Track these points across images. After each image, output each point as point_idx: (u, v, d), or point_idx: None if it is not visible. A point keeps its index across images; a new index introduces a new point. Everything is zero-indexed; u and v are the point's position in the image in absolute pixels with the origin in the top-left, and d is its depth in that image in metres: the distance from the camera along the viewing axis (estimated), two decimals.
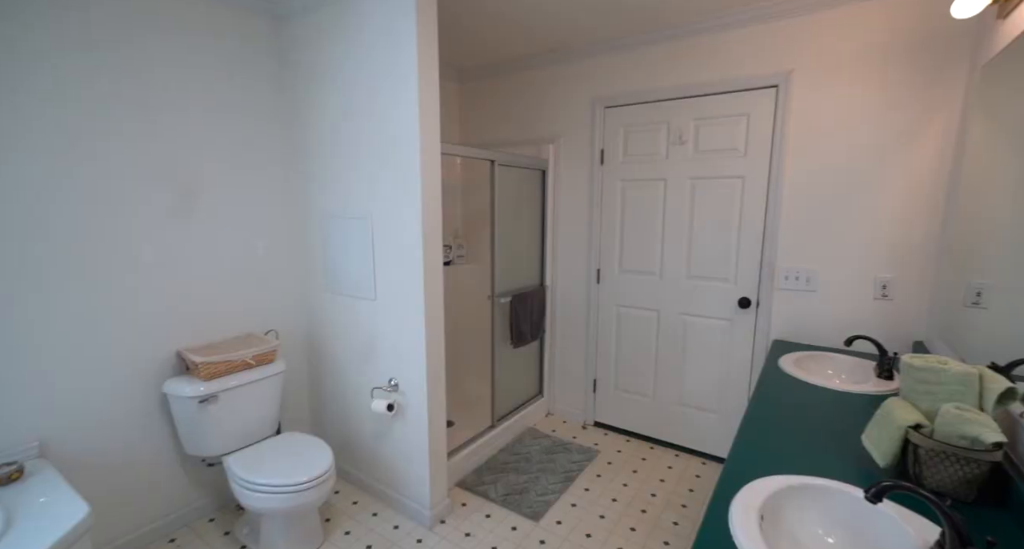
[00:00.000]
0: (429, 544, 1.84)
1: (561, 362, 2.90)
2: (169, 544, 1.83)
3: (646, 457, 2.48)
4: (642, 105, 2.40)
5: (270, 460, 1.74)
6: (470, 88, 3.03)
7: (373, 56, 1.77)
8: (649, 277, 2.52)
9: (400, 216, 1.79)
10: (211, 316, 1.95)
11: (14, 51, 1.41)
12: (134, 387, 1.75)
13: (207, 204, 1.90)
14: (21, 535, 1.16)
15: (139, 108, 1.68)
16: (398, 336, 1.89)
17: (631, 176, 2.50)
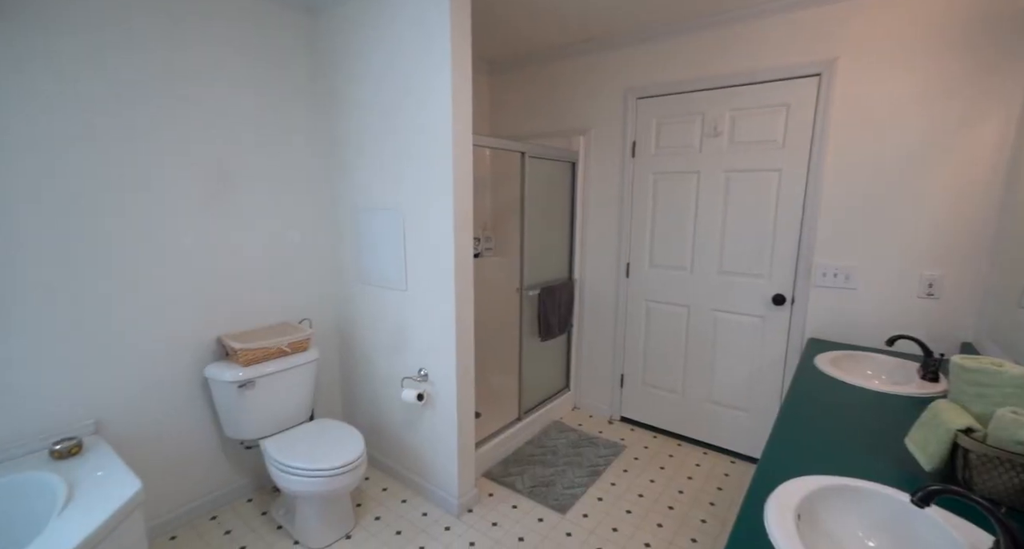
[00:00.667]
0: (457, 532, 1.87)
1: (588, 356, 2.89)
2: (211, 521, 1.93)
3: (673, 454, 2.45)
4: (676, 96, 2.35)
5: (305, 445, 1.80)
6: (500, 80, 3.03)
7: (405, 48, 1.78)
8: (680, 272, 2.48)
9: (431, 208, 1.81)
10: (247, 304, 2.03)
11: (70, 52, 1.48)
12: (178, 371, 1.84)
13: (243, 195, 1.96)
14: (82, 505, 1.24)
15: (179, 101, 1.75)
16: (428, 327, 1.92)
17: (663, 169, 2.46)
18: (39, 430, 1.51)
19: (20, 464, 1.42)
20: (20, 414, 1.48)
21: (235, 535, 1.85)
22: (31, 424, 1.50)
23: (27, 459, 1.45)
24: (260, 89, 1.97)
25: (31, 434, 1.49)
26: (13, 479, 1.36)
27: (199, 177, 1.82)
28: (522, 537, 1.84)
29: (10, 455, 1.45)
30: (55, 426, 1.54)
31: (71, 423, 1.57)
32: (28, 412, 1.49)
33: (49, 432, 1.52)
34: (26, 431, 1.49)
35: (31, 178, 1.44)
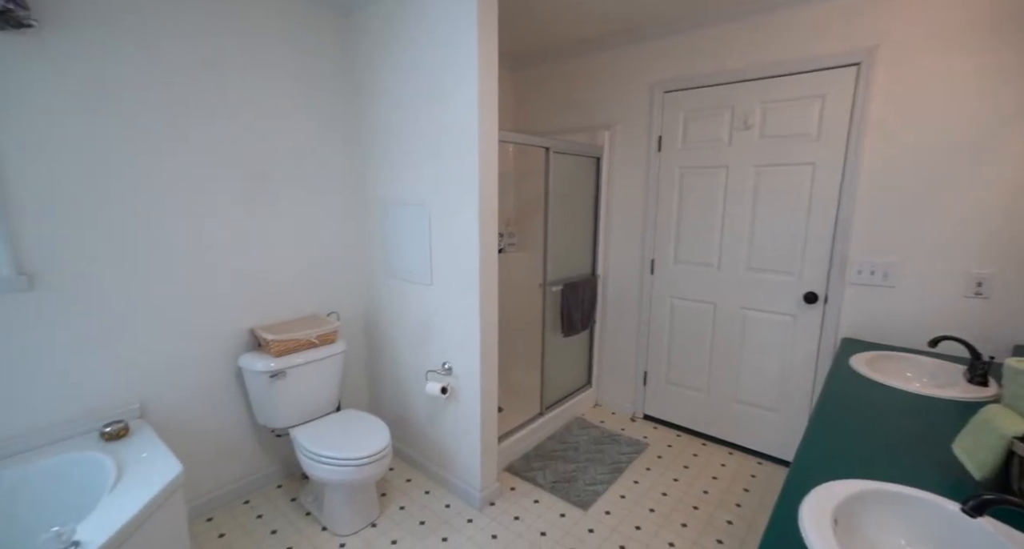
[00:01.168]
0: (480, 524, 1.89)
1: (611, 353, 2.87)
2: (244, 505, 2.00)
3: (698, 453, 2.42)
4: (704, 89, 2.29)
5: (332, 434, 1.84)
6: (524, 76, 3.01)
7: (432, 45, 1.79)
8: (706, 269, 2.43)
9: (457, 203, 1.82)
10: (278, 297, 2.08)
11: (119, 57, 1.54)
12: (214, 360, 1.90)
13: (276, 191, 2.01)
14: (130, 484, 1.30)
15: (216, 100, 1.80)
16: (453, 321, 1.94)
17: (690, 163, 2.40)
18: (91, 413, 1.59)
19: (75, 444, 1.50)
20: (75, 398, 1.56)
21: (267, 519, 1.91)
22: (84, 407, 1.58)
23: (80, 439, 1.53)
24: (294, 88, 2.01)
25: (84, 416, 1.58)
26: (71, 457, 1.45)
27: (236, 173, 1.87)
28: (544, 532, 1.85)
29: (66, 435, 1.53)
30: (104, 409, 1.62)
31: (118, 407, 1.65)
32: (82, 396, 1.58)
33: (99, 415, 1.60)
34: (80, 413, 1.57)
35: (87, 179, 1.51)
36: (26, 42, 1.37)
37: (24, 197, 1.42)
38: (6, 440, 1.43)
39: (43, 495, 1.39)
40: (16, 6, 1.26)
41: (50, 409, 1.52)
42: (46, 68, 1.41)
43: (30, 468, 1.40)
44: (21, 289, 1.42)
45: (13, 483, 1.37)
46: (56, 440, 1.52)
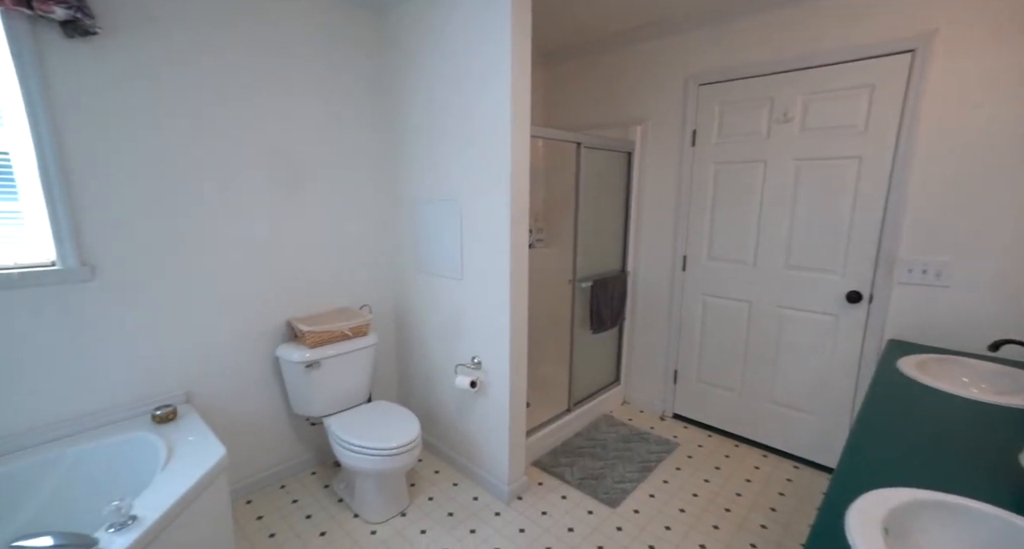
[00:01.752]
0: (507, 518, 1.90)
1: (640, 351, 2.83)
2: (280, 490, 2.07)
3: (730, 454, 2.36)
4: (742, 81, 2.21)
5: (364, 425, 1.89)
6: (554, 71, 2.98)
7: (464, 42, 1.79)
8: (741, 266, 2.36)
9: (489, 199, 1.82)
10: (313, 289, 2.14)
11: (170, 61, 1.61)
12: (253, 350, 1.97)
13: (311, 188, 2.06)
14: (179, 465, 1.37)
15: (259, 100, 1.85)
16: (483, 316, 1.95)
17: (725, 158, 2.33)
18: (142, 396, 1.68)
19: (129, 425, 1.60)
20: (130, 382, 1.65)
21: (302, 504, 1.98)
22: (137, 391, 1.67)
23: (134, 421, 1.62)
24: (330, 85, 2.05)
25: (137, 400, 1.67)
26: (127, 437, 1.54)
27: (275, 170, 1.93)
28: (572, 528, 1.85)
29: (121, 416, 1.63)
30: (154, 394, 1.71)
31: (167, 392, 1.74)
32: (135, 380, 1.66)
33: (150, 399, 1.69)
34: (133, 397, 1.66)
35: (140, 177, 1.59)
36: (91, 49, 1.45)
37: (86, 193, 1.50)
38: (71, 420, 1.53)
39: (103, 471, 1.48)
40: (83, 15, 1.33)
41: (108, 392, 1.61)
42: (107, 73, 1.49)
43: (92, 446, 1.50)
44: (84, 279, 1.51)
45: (77, 459, 1.47)
46: (113, 421, 1.61)
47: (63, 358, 1.51)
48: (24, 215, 1.44)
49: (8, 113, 1.38)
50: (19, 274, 1.40)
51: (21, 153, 1.41)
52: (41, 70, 1.37)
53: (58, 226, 1.46)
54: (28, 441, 1.45)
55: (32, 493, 1.39)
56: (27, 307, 1.43)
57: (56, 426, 1.50)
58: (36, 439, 1.47)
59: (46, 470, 1.42)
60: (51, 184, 1.43)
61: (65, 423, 1.52)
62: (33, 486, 1.40)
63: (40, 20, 1.33)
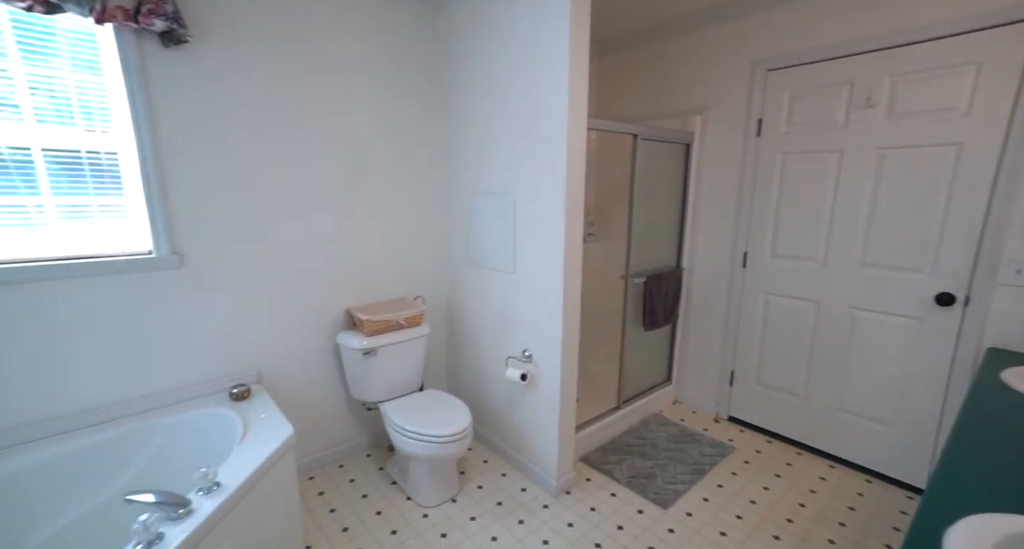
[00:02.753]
0: (555, 511, 1.91)
1: (694, 350, 2.73)
2: (339, 469, 2.19)
3: (792, 463, 2.23)
4: (816, 64, 2.06)
5: (418, 412, 1.95)
6: (608, 62, 2.92)
7: (520, 34, 1.79)
8: (809, 263, 2.21)
9: (543, 192, 1.82)
10: (370, 280, 2.23)
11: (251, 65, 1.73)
12: (316, 336, 2.09)
13: (371, 180, 2.15)
14: (254, 440, 1.49)
15: (327, 97, 1.95)
16: (534, 310, 1.96)
17: (795, 148, 2.19)
18: (221, 375, 1.83)
19: (210, 401, 1.75)
20: (211, 361, 1.81)
21: (359, 484, 2.08)
22: (217, 370, 1.82)
23: (214, 397, 1.77)
24: (390, 80, 2.12)
25: (217, 378, 1.82)
26: (209, 412, 1.69)
27: (339, 163, 2.03)
28: (621, 526, 1.82)
29: (204, 393, 1.79)
30: (231, 374, 1.86)
31: (241, 372, 1.88)
32: (216, 360, 1.82)
33: (228, 378, 1.84)
34: (214, 375, 1.82)
35: (221, 172, 1.73)
36: (183, 57, 1.58)
37: (177, 189, 1.65)
38: (164, 393, 1.70)
39: (190, 440, 1.63)
40: (178, 26, 1.46)
41: (193, 369, 1.77)
42: (194, 78, 1.62)
43: (182, 417, 1.66)
44: (174, 266, 1.67)
45: (171, 428, 1.63)
46: (196, 396, 1.77)
47: (158, 337, 1.67)
48: (127, 209, 1.60)
49: (117, 117, 1.53)
50: (124, 261, 1.57)
51: (126, 153, 1.56)
52: (143, 77, 1.51)
53: (154, 219, 1.62)
54: (131, 409, 1.63)
55: (137, 455, 1.57)
56: (130, 290, 1.60)
57: (152, 398, 1.67)
58: (137, 408, 1.64)
59: (147, 435, 1.59)
60: (149, 181, 1.58)
61: (159, 395, 1.69)
62: (137, 449, 1.57)
63: (143, 32, 1.48)
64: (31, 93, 1.39)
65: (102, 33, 1.46)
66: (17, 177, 1.39)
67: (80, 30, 1.44)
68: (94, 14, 1.31)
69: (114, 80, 1.50)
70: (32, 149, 1.41)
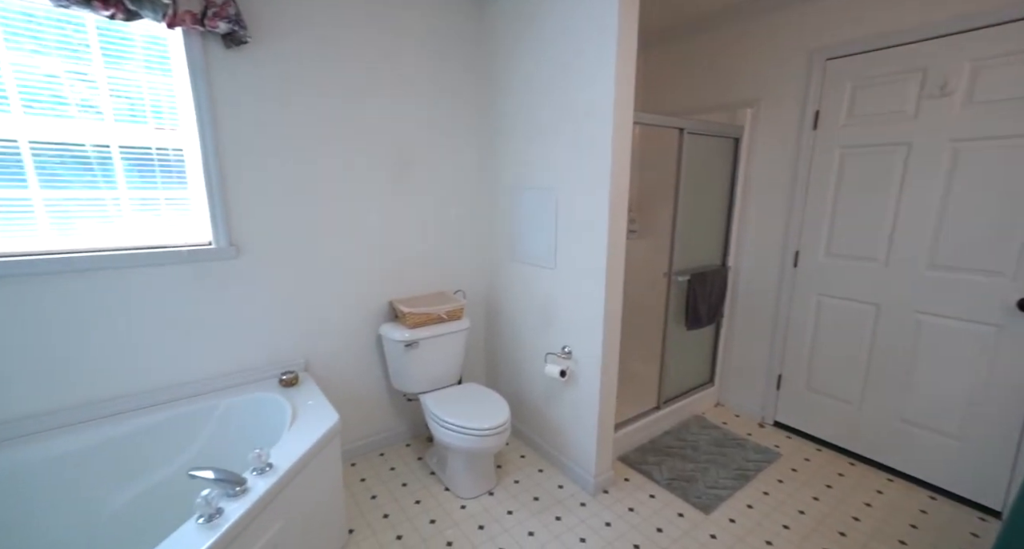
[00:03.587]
0: (592, 510, 1.89)
1: (739, 351, 2.63)
2: (379, 457, 2.26)
3: (844, 473, 2.12)
4: (883, 51, 1.93)
5: (458, 404, 1.97)
6: (653, 54, 2.84)
7: (567, 28, 1.77)
8: (869, 264, 2.08)
9: (586, 188, 1.80)
10: (412, 273, 2.27)
11: (304, 66, 1.79)
12: (360, 327, 2.15)
13: (416, 175, 2.18)
14: (302, 425, 1.55)
15: (375, 94, 1.99)
16: (575, 306, 1.94)
17: (855, 142, 2.06)
18: (272, 362, 1.92)
19: (262, 386, 1.83)
20: (263, 347, 1.89)
21: (398, 472, 2.13)
22: (268, 356, 1.91)
23: (265, 383, 1.86)
24: (436, 74, 2.15)
25: (268, 364, 1.91)
26: (261, 396, 1.77)
27: (385, 158, 2.08)
28: (661, 528, 1.78)
29: (256, 378, 1.87)
30: (280, 361, 1.94)
31: (290, 360, 1.97)
32: (268, 346, 1.90)
33: (277, 365, 1.92)
34: (265, 361, 1.91)
35: (276, 168, 1.80)
36: (242, 57, 1.66)
37: (235, 183, 1.73)
38: (219, 377, 1.79)
39: (244, 422, 1.72)
40: (239, 27, 1.53)
41: (247, 355, 1.86)
42: (252, 77, 1.70)
43: (236, 400, 1.75)
44: (231, 257, 1.76)
45: (227, 409, 1.72)
46: (248, 381, 1.86)
47: (215, 323, 1.77)
48: (190, 202, 1.70)
49: (183, 116, 1.63)
50: (187, 251, 1.66)
51: (190, 150, 1.66)
52: (207, 77, 1.60)
53: (214, 211, 1.71)
54: (193, 391, 1.74)
55: (199, 433, 1.67)
56: (191, 279, 1.69)
57: (209, 381, 1.77)
58: (198, 390, 1.74)
59: (207, 415, 1.69)
60: (211, 175, 1.67)
61: (216, 379, 1.78)
62: (199, 428, 1.67)
63: (208, 35, 1.56)
64: (111, 94, 1.49)
65: (172, 37, 1.55)
66: (99, 173, 1.50)
67: (153, 35, 1.53)
68: (166, 19, 1.40)
69: (181, 80, 1.59)
70: (111, 146, 1.51)
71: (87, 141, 1.47)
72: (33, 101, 1.39)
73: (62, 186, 1.46)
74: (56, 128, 1.43)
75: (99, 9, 1.29)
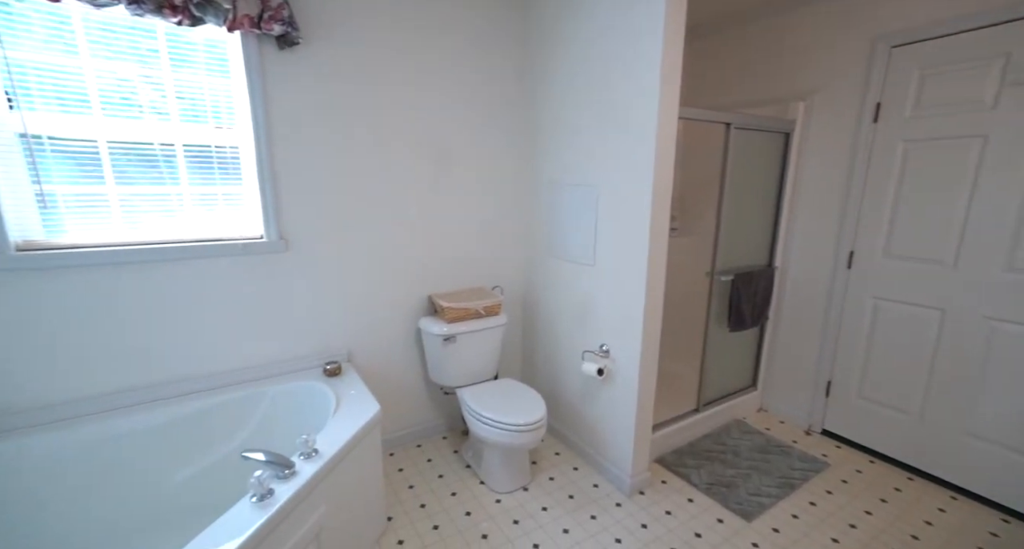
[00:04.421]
0: (628, 510, 1.87)
1: (785, 355, 2.52)
2: (417, 448, 2.31)
3: (901, 488, 1.99)
4: (959, 35, 1.79)
5: (495, 399, 1.99)
6: (699, 47, 2.75)
7: (611, 21, 1.73)
8: (933, 266, 1.95)
9: (629, 184, 1.76)
10: (451, 268, 2.30)
11: (350, 65, 1.85)
12: (400, 320, 2.20)
13: (457, 170, 2.21)
14: (345, 413, 1.60)
15: (419, 91, 2.03)
16: (614, 304, 1.91)
17: (922, 135, 1.93)
18: (317, 352, 1.99)
19: (307, 375, 1.91)
20: (310, 337, 1.97)
21: (435, 464, 2.18)
22: (314, 347, 1.99)
23: (310, 372, 1.93)
24: (478, 70, 2.16)
25: (313, 354, 1.98)
26: (307, 384, 1.84)
27: (427, 153, 2.11)
28: (699, 533, 1.74)
29: (301, 367, 1.95)
30: (325, 351, 2.01)
31: (334, 350, 2.04)
32: (314, 337, 1.98)
33: (322, 355, 2.00)
34: (311, 351, 1.98)
35: (322, 165, 1.86)
36: (295, 57, 1.73)
37: (285, 180, 1.80)
38: (269, 364, 1.88)
39: (291, 409, 1.80)
40: (292, 29, 1.59)
41: (294, 344, 1.94)
42: (303, 77, 1.76)
43: (284, 387, 1.83)
44: (281, 250, 1.84)
45: (275, 396, 1.81)
46: (295, 370, 1.94)
47: (265, 313, 1.85)
48: (243, 197, 1.79)
49: (239, 115, 1.71)
50: (241, 244, 1.75)
51: (245, 147, 1.74)
52: (262, 77, 1.67)
53: (266, 206, 1.78)
54: (245, 377, 1.83)
55: (251, 417, 1.76)
56: (243, 271, 1.78)
57: (260, 368, 1.86)
58: (248, 376, 1.84)
59: (259, 400, 1.78)
60: (264, 172, 1.75)
61: (266, 366, 1.87)
62: (251, 412, 1.76)
63: (263, 37, 1.62)
64: (176, 96, 1.59)
65: (230, 40, 1.63)
66: (164, 170, 1.60)
67: (213, 39, 1.61)
68: (227, 23, 1.47)
69: (238, 81, 1.67)
70: (176, 145, 1.61)
71: (155, 140, 1.57)
72: (110, 104, 1.49)
73: (133, 182, 1.57)
74: (128, 129, 1.53)
75: (168, 16, 1.37)
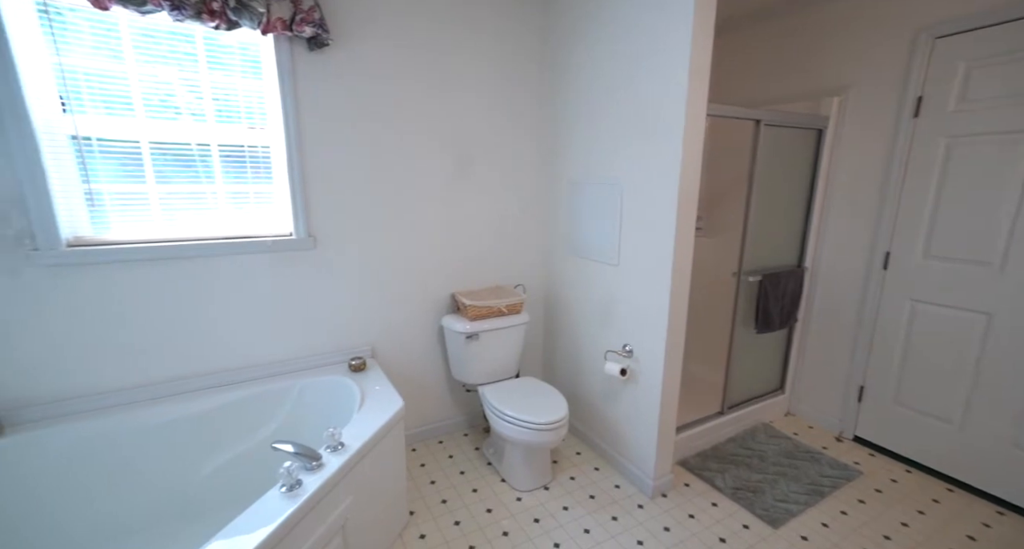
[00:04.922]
0: (651, 513, 1.84)
1: (814, 358, 2.45)
2: (438, 444, 2.33)
3: (940, 500, 1.91)
4: (1011, 24, 1.70)
5: (517, 398, 1.99)
6: (727, 41, 2.69)
7: (637, 18, 1.71)
8: (979, 268, 1.86)
9: (654, 182, 1.74)
10: (473, 266, 2.31)
11: (378, 66, 1.88)
12: (423, 317, 2.23)
13: (478, 168, 2.22)
14: (370, 408, 1.63)
15: (441, 93, 2.04)
16: (638, 304, 1.89)
17: (967, 130, 1.84)
18: (342, 348, 2.03)
19: (333, 370, 1.95)
20: (336, 332, 2.01)
21: (456, 460, 2.19)
22: (339, 342, 2.03)
23: (336, 367, 1.98)
24: (499, 67, 2.16)
25: (338, 349, 2.03)
26: (334, 379, 1.88)
27: (449, 153, 2.13)
28: (724, 539, 1.71)
29: (327, 362, 1.99)
30: (350, 347, 2.05)
31: (358, 346, 2.07)
32: (339, 332, 2.02)
33: (346, 350, 2.04)
34: (336, 346, 2.02)
35: (347, 165, 1.90)
36: (324, 59, 1.76)
37: (314, 178, 1.84)
38: (297, 359, 1.93)
39: (317, 402, 1.84)
40: (322, 31, 1.63)
41: (321, 339, 1.98)
42: (332, 78, 1.80)
43: (311, 381, 1.88)
44: (309, 248, 1.88)
45: (303, 389, 1.85)
46: (321, 365, 1.98)
47: (293, 308, 1.90)
48: (273, 195, 1.84)
49: (271, 115, 1.76)
50: (272, 241, 1.80)
51: (276, 147, 1.79)
52: (293, 78, 1.71)
53: (296, 204, 1.83)
54: (272, 371, 1.88)
55: (280, 409, 1.81)
56: (272, 267, 1.83)
57: (288, 362, 1.91)
58: (277, 370, 1.89)
59: (287, 393, 1.83)
60: (294, 171, 1.79)
61: (294, 360, 1.92)
62: (280, 404, 1.81)
63: (295, 39, 1.67)
64: (212, 98, 1.64)
65: (263, 43, 1.68)
66: (201, 169, 1.66)
67: (246, 42, 1.66)
68: (261, 26, 1.51)
69: (270, 83, 1.71)
70: (211, 145, 1.67)
71: (192, 140, 1.63)
72: (151, 106, 1.56)
73: (171, 181, 1.63)
74: (168, 129, 1.59)
75: (207, 21, 1.42)
